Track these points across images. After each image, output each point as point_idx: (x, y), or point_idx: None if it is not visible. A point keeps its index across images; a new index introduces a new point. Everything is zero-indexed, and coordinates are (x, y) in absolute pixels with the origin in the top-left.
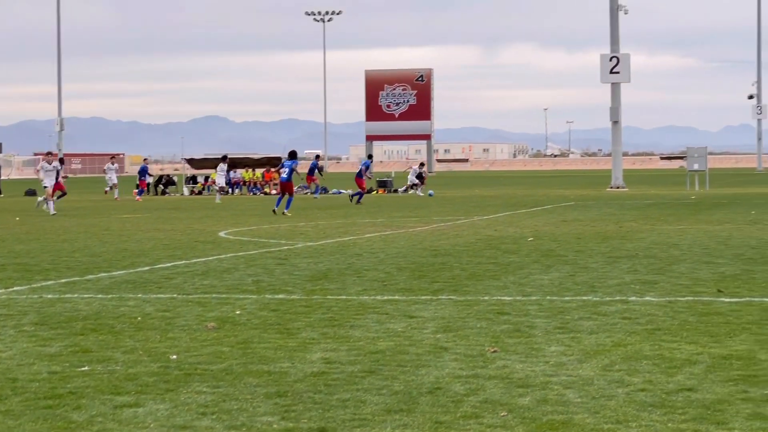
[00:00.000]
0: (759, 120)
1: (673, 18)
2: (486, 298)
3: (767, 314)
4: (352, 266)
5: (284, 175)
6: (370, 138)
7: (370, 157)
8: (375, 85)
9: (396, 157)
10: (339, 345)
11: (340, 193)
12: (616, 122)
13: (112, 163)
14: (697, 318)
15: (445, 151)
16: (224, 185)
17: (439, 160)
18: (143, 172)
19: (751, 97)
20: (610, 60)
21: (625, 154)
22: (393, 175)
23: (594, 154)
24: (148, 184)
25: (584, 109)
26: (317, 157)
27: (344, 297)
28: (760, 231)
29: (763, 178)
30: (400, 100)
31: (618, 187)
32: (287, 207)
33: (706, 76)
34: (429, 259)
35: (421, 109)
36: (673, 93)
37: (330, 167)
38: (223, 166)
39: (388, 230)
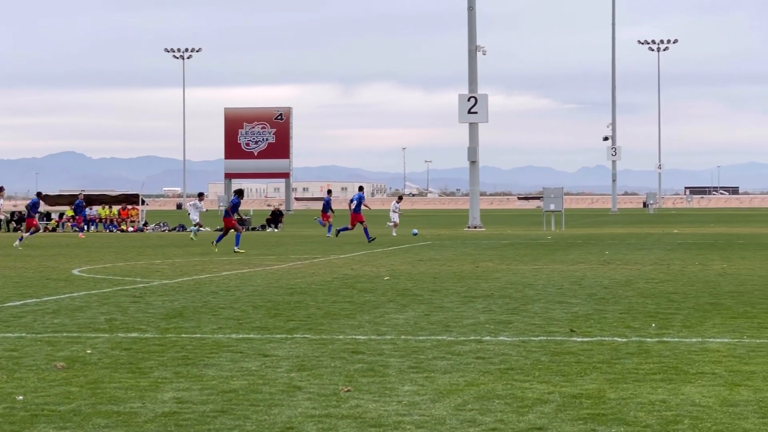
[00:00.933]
0: (614, 162)
1: (530, 59)
2: (341, 337)
3: (617, 353)
4: (208, 304)
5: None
6: (229, 176)
7: (238, 193)
8: (234, 122)
9: (255, 195)
10: (192, 384)
11: (200, 230)
12: (473, 162)
13: None
14: (549, 357)
15: (304, 189)
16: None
17: (297, 199)
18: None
19: (606, 138)
20: (468, 100)
21: (482, 194)
22: (251, 213)
23: (452, 194)
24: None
25: (442, 148)
26: (329, 192)
27: (199, 335)
28: (612, 271)
29: (618, 218)
30: (259, 138)
31: (475, 227)
32: (339, 232)
33: (563, 118)
34: (285, 298)
35: (280, 147)
36: (530, 134)
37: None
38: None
39: (245, 268)
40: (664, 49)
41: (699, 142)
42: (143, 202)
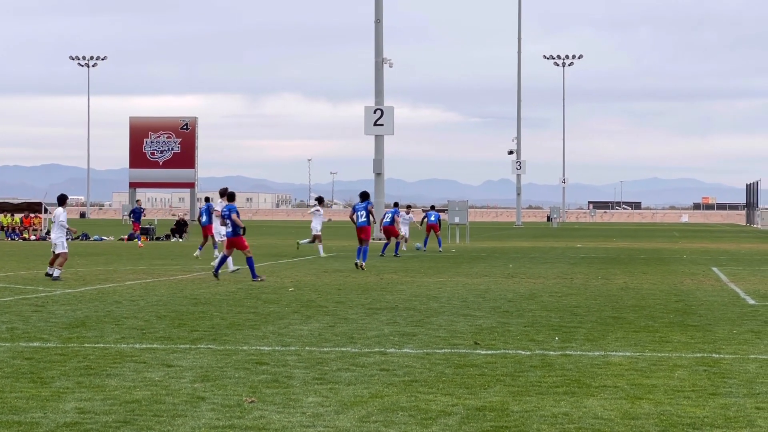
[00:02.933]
0: (518, 176)
1: (437, 73)
2: (245, 347)
3: (521, 366)
4: (111, 314)
5: (362, 219)
6: (134, 185)
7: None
8: (139, 132)
9: (159, 204)
10: (94, 394)
11: (101, 239)
12: (379, 174)
13: None
14: (453, 370)
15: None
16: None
17: None
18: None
19: (511, 152)
20: (375, 112)
21: (387, 207)
22: (156, 222)
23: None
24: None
25: (348, 160)
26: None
27: (102, 345)
28: (516, 284)
29: (522, 232)
30: (164, 147)
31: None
32: (365, 258)
33: (468, 131)
34: (189, 308)
35: (186, 157)
36: (435, 146)
37: (93, 214)
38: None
39: (149, 278)
40: (570, 65)
41: (603, 158)
42: (46, 211)
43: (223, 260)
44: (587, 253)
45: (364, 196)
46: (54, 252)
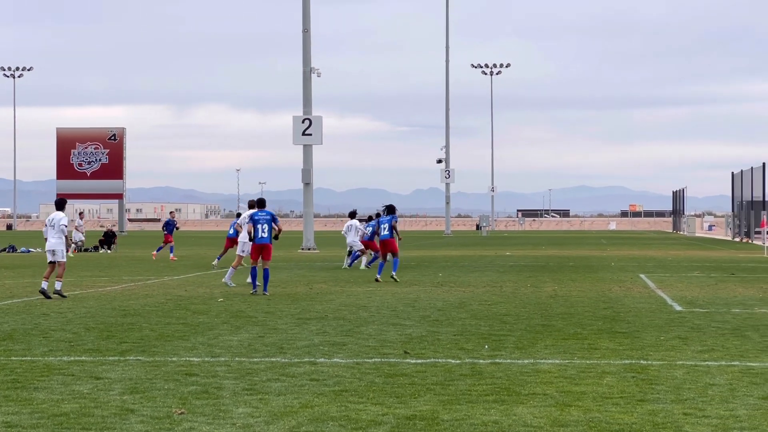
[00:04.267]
0: (447, 184)
1: (364, 82)
2: (175, 358)
3: (451, 375)
4: (39, 326)
5: (386, 233)
6: (61, 196)
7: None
8: (67, 142)
9: (87, 216)
10: (21, 408)
11: (28, 251)
12: (308, 184)
13: None
14: (383, 379)
15: (138, 210)
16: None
17: (131, 220)
18: (169, 225)
19: (440, 161)
20: (303, 122)
21: (316, 216)
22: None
23: (286, 216)
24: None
25: (277, 170)
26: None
27: (29, 358)
28: (446, 293)
29: (451, 240)
30: (92, 158)
31: (309, 249)
32: (394, 269)
33: (396, 140)
34: (118, 320)
35: (114, 168)
36: (364, 156)
37: (20, 225)
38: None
39: (77, 290)
40: (497, 73)
41: (531, 166)
42: None
43: (255, 273)
44: (516, 261)
45: (391, 209)
46: (53, 262)
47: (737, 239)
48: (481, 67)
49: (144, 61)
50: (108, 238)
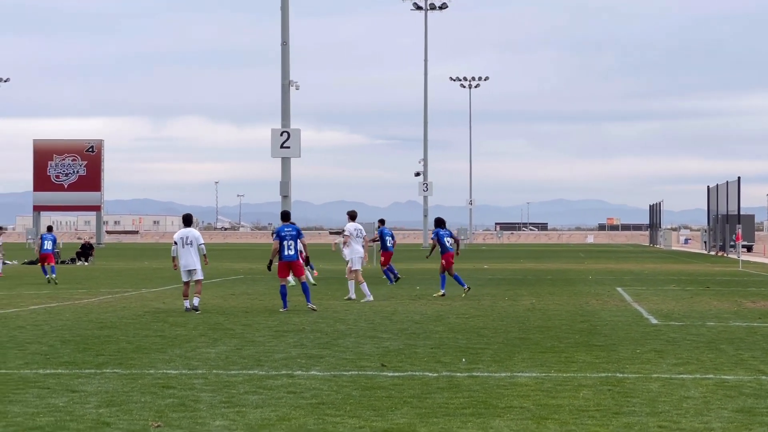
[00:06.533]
0: (425, 197)
1: (341, 95)
2: (152, 371)
3: (428, 388)
4: (14, 339)
5: (451, 246)
6: (38, 208)
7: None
8: (44, 154)
9: (65, 228)
10: None
11: (4, 263)
12: (286, 197)
13: None
14: (360, 392)
15: (116, 222)
16: None
17: (109, 232)
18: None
19: (417, 174)
20: (281, 134)
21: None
22: (61, 245)
23: (264, 228)
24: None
25: (255, 183)
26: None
27: (4, 371)
28: (423, 306)
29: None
30: (69, 170)
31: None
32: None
33: (374, 153)
34: (95, 332)
35: (92, 179)
36: (342, 168)
37: None
38: None
39: (53, 302)
40: (475, 86)
41: (509, 179)
42: None
43: (285, 292)
44: (494, 274)
45: (442, 222)
46: (188, 281)
47: (712, 253)
48: (460, 80)
49: (121, 73)
50: (85, 251)
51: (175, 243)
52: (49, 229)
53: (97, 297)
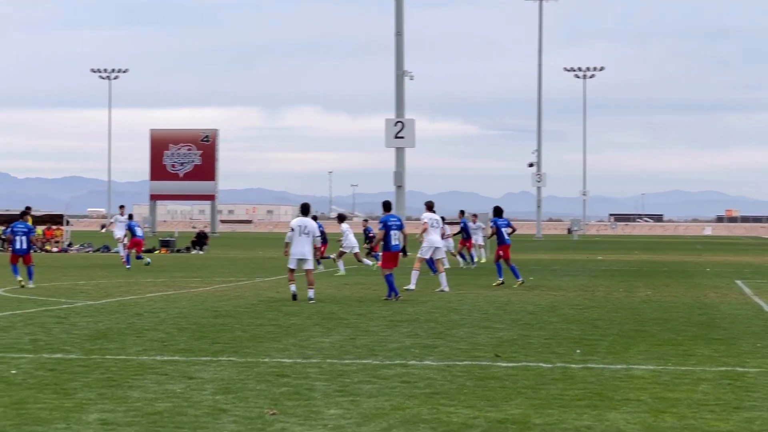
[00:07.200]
0: (539, 188)
1: (455, 85)
2: (266, 360)
3: (542, 379)
4: (133, 326)
5: (508, 237)
6: (155, 197)
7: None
8: (160, 144)
9: (180, 217)
10: (116, 406)
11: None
12: (400, 187)
13: None
14: (474, 382)
15: (230, 212)
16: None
17: (223, 221)
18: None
19: (531, 165)
20: (395, 125)
21: (408, 218)
22: (176, 234)
23: (378, 218)
24: None
25: (369, 173)
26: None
27: (123, 357)
28: (537, 297)
29: (542, 244)
30: (185, 160)
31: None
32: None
33: (488, 144)
34: (210, 320)
35: (206, 169)
36: (455, 159)
37: (113, 226)
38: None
39: (169, 290)
40: (591, 77)
41: (624, 170)
42: (68, 223)
43: (391, 280)
44: (609, 265)
45: (500, 212)
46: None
47: None
48: (574, 70)
49: (236, 63)
50: (200, 240)
51: (292, 230)
52: (130, 216)
53: (211, 286)
